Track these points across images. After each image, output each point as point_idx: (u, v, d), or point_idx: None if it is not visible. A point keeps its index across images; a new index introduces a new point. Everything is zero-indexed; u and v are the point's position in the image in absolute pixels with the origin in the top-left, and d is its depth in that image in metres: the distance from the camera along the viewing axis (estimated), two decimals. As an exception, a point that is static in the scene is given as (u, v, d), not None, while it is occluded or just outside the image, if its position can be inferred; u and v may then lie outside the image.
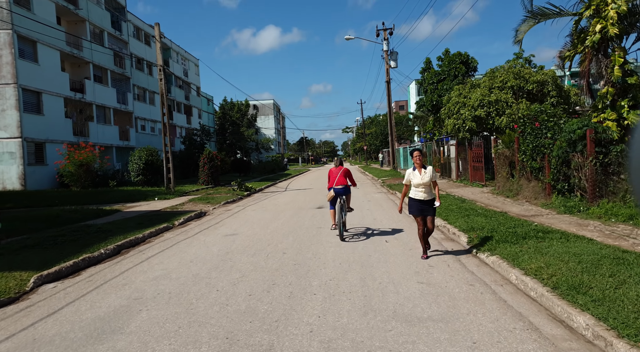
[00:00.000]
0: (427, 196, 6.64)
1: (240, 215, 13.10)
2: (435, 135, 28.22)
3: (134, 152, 24.01)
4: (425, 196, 6.63)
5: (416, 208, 6.71)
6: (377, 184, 24.32)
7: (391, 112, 29.67)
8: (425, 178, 6.59)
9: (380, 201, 15.29)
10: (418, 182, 6.63)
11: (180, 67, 50.15)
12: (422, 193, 6.63)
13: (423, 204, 6.66)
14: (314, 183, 27.43)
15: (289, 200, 17.16)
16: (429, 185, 6.65)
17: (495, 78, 17.71)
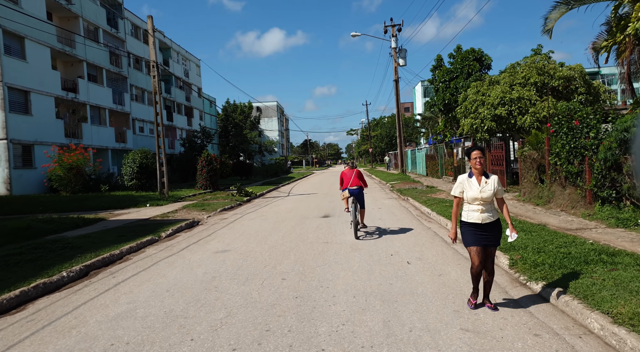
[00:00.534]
0: (489, 217, 4.57)
1: (236, 225, 11.67)
2: (447, 136, 26.77)
3: (127, 154, 22.66)
4: (485, 217, 4.55)
5: (471, 235, 4.61)
6: (385, 188, 22.86)
7: (399, 111, 28.24)
8: (487, 191, 4.52)
9: (392, 209, 13.83)
10: (475, 195, 4.55)
11: (180, 68, 48.93)
12: (480, 213, 4.55)
13: (482, 229, 4.58)
14: (319, 187, 25.99)
15: (291, 207, 15.72)
16: (491, 202, 4.62)
17: (516, 74, 16.25)
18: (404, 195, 17.38)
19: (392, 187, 21.83)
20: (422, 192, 17.63)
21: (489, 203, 4.59)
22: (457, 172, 21.92)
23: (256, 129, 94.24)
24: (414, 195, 16.70)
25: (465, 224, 4.68)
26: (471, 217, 4.61)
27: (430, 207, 12.47)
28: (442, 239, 8.58)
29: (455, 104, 23.45)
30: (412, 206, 14.40)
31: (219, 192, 22.61)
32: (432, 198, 14.97)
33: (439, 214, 11.08)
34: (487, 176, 4.64)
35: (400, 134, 28.32)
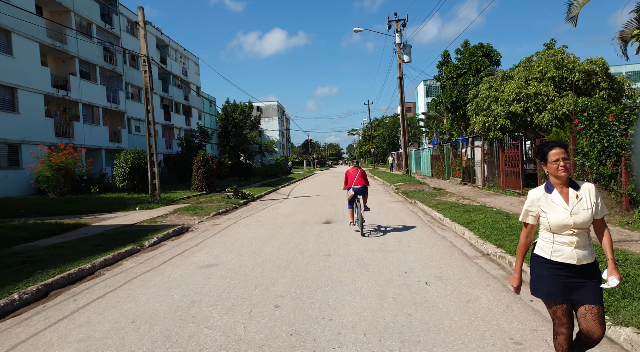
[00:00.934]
0: (587, 256, 2.86)
1: (228, 232, 10.58)
2: (454, 136, 25.66)
3: (119, 155, 21.58)
4: (582, 254, 2.84)
5: (553, 283, 2.90)
6: (390, 190, 21.76)
7: (404, 109, 27.13)
8: (583, 212, 2.84)
9: (400, 214, 12.72)
10: (563, 221, 2.85)
11: (178, 66, 47.88)
12: (574, 248, 2.84)
13: (574, 274, 2.87)
14: (320, 188, 24.91)
15: (290, 210, 14.63)
16: (587, 228, 2.90)
17: (532, 68, 15.14)
18: (411, 198, 16.28)
19: (397, 189, 20.73)
20: (430, 195, 16.53)
21: (584, 232, 2.86)
22: (466, 174, 20.80)
23: (256, 129, 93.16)
24: (421, 198, 15.60)
25: (545, 264, 2.93)
26: (559, 254, 2.87)
27: (442, 213, 11.37)
28: (461, 252, 7.48)
29: (463, 102, 22.37)
30: (421, 211, 13.29)
31: (215, 194, 21.54)
32: (442, 202, 13.87)
33: (453, 221, 9.98)
34: (576, 187, 2.91)
35: (405, 133, 27.24)
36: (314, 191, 23.34)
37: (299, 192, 23.57)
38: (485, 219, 9.63)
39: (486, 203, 13.15)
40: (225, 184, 30.72)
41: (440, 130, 26.37)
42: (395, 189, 21.01)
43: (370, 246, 8.10)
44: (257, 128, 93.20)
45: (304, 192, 23.38)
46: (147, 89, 17.41)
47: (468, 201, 14.13)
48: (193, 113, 52.25)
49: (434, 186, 20.57)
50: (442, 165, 25.42)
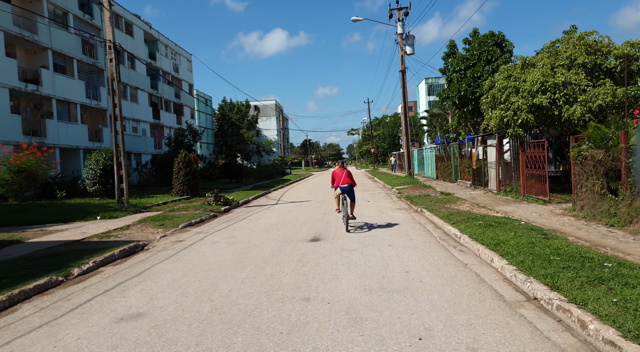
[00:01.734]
0: None
1: (188, 254, 8.37)
2: (461, 134, 23.46)
3: (90, 155, 19.40)
4: None
5: None
6: (392, 195, 19.54)
7: (406, 105, 24.94)
8: None
9: (405, 227, 10.50)
10: None
11: (169, 62, 45.67)
12: None
13: None
14: (315, 192, 22.69)
15: (274, 221, 12.42)
16: None
17: (558, 54, 12.93)
18: (416, 204, 14.08)
19: (400, 193, 18.53)
20: (439, 201, 14.33)
21: None
22: (477, 176, 18.58)
23: (254, 129, 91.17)
24: (429, 205, 13.40)
25: None
26: None
27: (458, 227, 9.16)
28: (495, 293, 5.26)
29: (472, 96, 20.18)
30: (430, 222, 11.07)
31: (198, 199, 19.35)
32: (454, 210, 11.67)
33: (474, 239, 7.77)
34: None
35: (407, 132, 25.03)
36: (308, 195, 21.14)
37: (290, 196, 21.36)
38: (516, 238, 7.42)
39: (508, 213, 10.93)
40: (214, 187, 28.53)
41: (446, 128, 24.15)
42: (397, 194, 18.80)
43: (367, 281, 5.90)
44: (254, 128, 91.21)
45: (296, 196, 21.18)
46: (112, 80, 15.21)
47: (485, 210, 11.92)
48: (185, 112, 50.01)
49: (441, 190, 18.36)
50: (449, 166, 23.20)
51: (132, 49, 37.24)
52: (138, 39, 38.61)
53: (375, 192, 21.37)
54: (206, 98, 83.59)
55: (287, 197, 21.05)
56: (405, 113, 25.03)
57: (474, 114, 21.35)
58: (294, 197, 20.44)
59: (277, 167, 48.15)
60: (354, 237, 9.13)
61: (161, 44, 44.10)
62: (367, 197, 18.78)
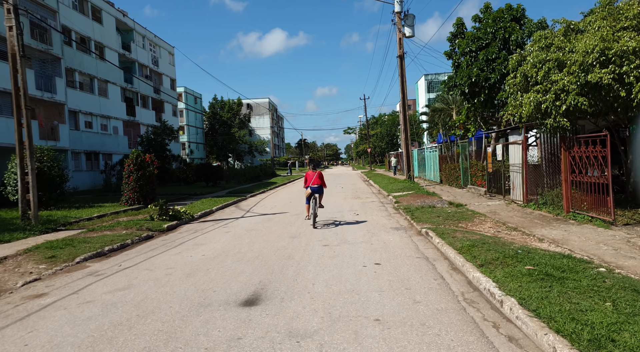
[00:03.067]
0: None
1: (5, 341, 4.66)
2: (470, 131, 19.77)
3: (13, 156, 15.69)
4: None
5: None
6: (387, 205, 15.81)
7: (405, 96, 21.23)
8: None
9: (404, 267, 6.74)
10: None
11: (147, 54, 41.91)
12: None
13: None
14: (296, 199, 18.96)
15: (217, 250, 8.71)
16: None
17: (620, 13, 9.24)
18: (419, 221, 10.41)
19: (398, 202, 14.84)
20: (449, 217, 10.67)
21: None
22: (494, 182, 14.90)
23: (246, 128, 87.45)
24: (437, 224, 9.74)
25: None
26: None
27: (492, 276, 5.47)
28: None
29: (485, 83, 16.51)
30: (442, 257, 7.36)
31: (151, 209, 15.66)
32: (476, 237, 7.98)
33: (538, 317, 4.09)
34: None
35: (407, 127, 21.34)
36: (286, 204, 17.42)
37: (266, 205, 17.63)
38: (630, 324, 3.72)
39: (560, 243, 7.25)
40: (185, 191, 24.80)
41: (452, 123, 20.42)
42: (394, 203, 15.09)
43: None
44: (246, 127, 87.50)
45: (272, 205, 17.46)
46: (14, 55, 11.42)
47: (520, 234, 8.23)
48: (166, 108, 46.25)
49: (448, 200, 14.69)
50: (456, 169, 19.51)
51: (101, 37, 33.53)
52: (108, 27, 34.87)
53: (368, 200, 17.66)
54: (195, 96, 79.77)
55: (261, 206, 17.34)
56: (403, 105, 21.33)
57: (487, 106, 17.69)
58: (269, 207, 16.73)
59: (265, 169, 44.40)
60: (321, 297, 5.42)
61: (137, 34, 40.37)
62: (356, 207, 15.08)
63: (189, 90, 76.27)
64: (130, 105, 38.56)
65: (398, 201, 15.40)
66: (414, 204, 14.24)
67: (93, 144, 31.95)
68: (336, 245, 8.52)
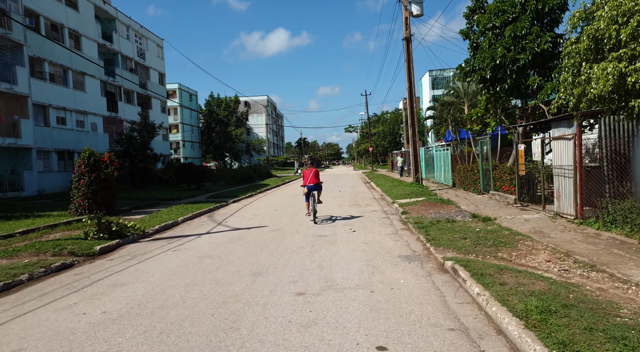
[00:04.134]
0: None
1: None
2: (490, 125, 16.72)
3: None
4: None
5: None
6: (393, 216, 12.68)
7: (412, 84, 18.15)
8: None
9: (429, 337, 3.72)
10: None
11: (131, 46, 38.91)
12: None
13: None
14: (285, 206, 15.89)
15: (132, 304, 5.69)
16: None
17: None
18: (438, 246, 7.41)
19: (406, 213, 11.78)
20: (479, 240, 7.62)
21: None
22: (528, 187, 11.81)
23: (243, 126, 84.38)
24: (464, 251, 6.75)
25: None
26: None
27: None
28: None
29: (512, 66, 13.48)
30: (489, 324, 4.29)
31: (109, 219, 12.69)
32: (534, 279, 4.92)
33: None
34: None
35: (414, 123, 18.27)
36: (270, 213, 14.38)
37: (245, 215, 14.59)
38: None
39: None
40: (165, 195, 21.77)
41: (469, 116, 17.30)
42: (401, 215, 12.03)
43: None
44: (243, 125, 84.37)
45: (253, 214, 14.42)
46: None
47: (607, 278, 5.18)
48: (154, 105, 43.24)
49: (470, 210, 11.63)
50: (473, 171, 16.43)
51: (76, 25, 30.54)
52: (85, 14, 31.88)
53: (368, 208, 14.60)
54: (191, 93, 76.68)
55: (239, 216, 14.29)
56: (410, 95, 18.25)
57: (513, 94, 14.63)
58: (248, 217, 13.68)
59: (259, 169, 41.35)
60: None
61: (120, 24, 37.38)
62: (354, 221, 12.00)
63: (183, 87, 73.28)
64: (111, 101, 35.57)
65: (406, 210, 12.33)
66: (427, 215, 11.18)
67: (67, 141, 28.98)
68: (316, 294, 5.49)
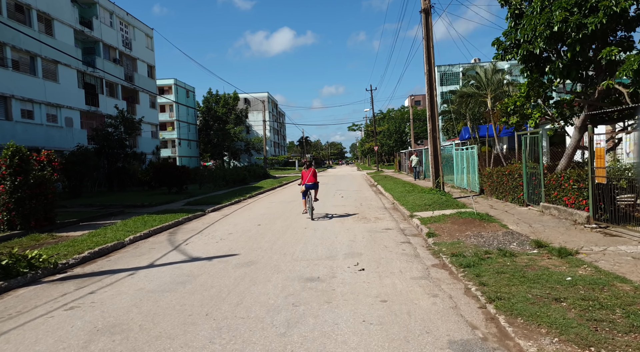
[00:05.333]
0: None
1: None
2: (533, 117, 13.21)
3: None
4: None
5: None
6: (414, 238, 9.06)
7: (432, 68, 14.62)
8: None
9: None
10: None
11: (115, 34, 35.56)
12: None
13: None
14: (272, 217, 12.42)
15: None
16: None
17: None
18: (514, 317, 4.08)
19: (433, 237, 8.31)
20: (588, 305, 4.13)
21: None
22: (607, 201, 8.30)
23: (242, 124, 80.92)
24: (583, 346, 3.19)
25: None
26: None
27: None
28: None
29: (575, 35, 9.98)
30: None
31: (34, 237, 9.38)
32: None
33: None
34: None
35: (434, 115, 14.78)
36: (251, 229, 10.92)
37: (217, 233, 11.14)
38: None
39: None
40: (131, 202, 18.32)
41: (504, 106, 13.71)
42: (427, 237, 8.56)
43: None
44: (243, 123, 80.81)
45: (229, 230, 10.97)
46: None
47: None
48: (141, 99, 39.90)
49: (526, 233, 8.16)
50: (512, 175, 12.91)
51: (47, 7, 27.19)
52: (60, -3, 28.53)
53: (379, 225, 11.12)
54: (187, 89, 73.28)
55: (208, 234, 10.86)
56: (430, 82, 14.74)
57: (571, 74, 11.08)
58: (219, 237, 10.26)
59: (254, 170, 37.95)
60: None
61: (102, 9, 34.02)
62: (360, 245, 8.54)
63: (179, 82, 69.99)
64: (91, 93, 32.24)
65: (433, 231, 8.86)
66: (465, 240, 7.74)
67: (34, 138, 25.65)
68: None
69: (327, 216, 12.86)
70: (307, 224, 11.48)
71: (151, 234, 11.02)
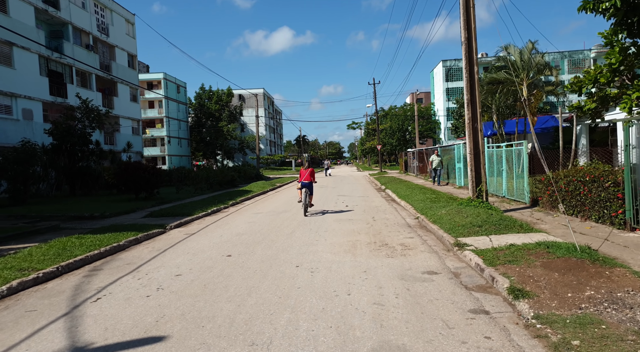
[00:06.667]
0: None
1: None
2: (626, 99, 9.25)
3: None
4: None
5: None
6: (487, 298, 5.08)
7: (473, 36, 11.02)
8: None
9: None
10: None
11: (88, 16, 31.50)
12: None
13: None
14: (255, 241, 8.49)
15: None
16: None
17: None
18: None
19: (528, 302, 4.42)
20: None
21: None
22: None
23: (237, 122, 76.81)
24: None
25: None
26: None
27: None
28: None
29: None
30: None
31: None
32: None
33: None
34: None
35: (474, 99, 10.90)
36: (217, 265, 7.02)
37: (169, 267, 7.22)
38: None
39: None
40: (76, 212, 14.30)
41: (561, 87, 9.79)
42: (520, 305, 4.66)
43: None
44: (237, 120, 76.63)
45: (177, 270, 7.06)
46: None
47: None
48: (120, 91, 35.88)
49: None
50: (591, 183, 9.00)
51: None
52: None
53: (411, 264, 7.24)
54: (178, 84, 69.14)
55: (146, 276, 6.96)
56: (469, 51, 10.90)
57: None
58: (159, 282, 6.36)
59: (245, 170, 33.99)
60: None
61: (72, -12, 30.01)
62: (396, 325, 4.61)
63: (169, 77, 65.91)
64: (57, 83, 28.25)
65: (519, 285, 4.98)
66: (603, 316, 3.83)
67: (11, 135, 21.71)
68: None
69: (329, 235, 8.97)
70: (301, 258, 7.57)
71: (60, 272, 7.12)
